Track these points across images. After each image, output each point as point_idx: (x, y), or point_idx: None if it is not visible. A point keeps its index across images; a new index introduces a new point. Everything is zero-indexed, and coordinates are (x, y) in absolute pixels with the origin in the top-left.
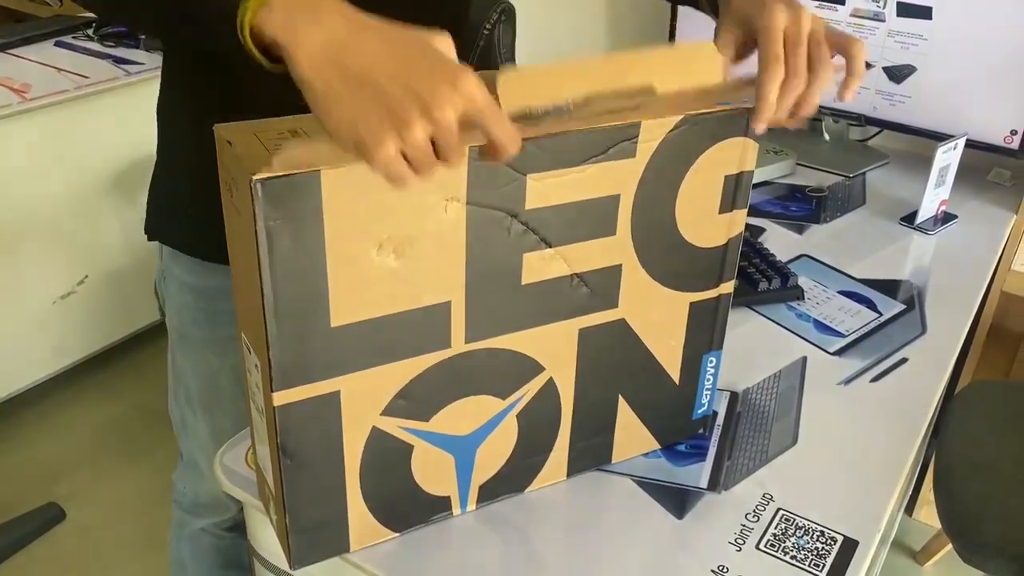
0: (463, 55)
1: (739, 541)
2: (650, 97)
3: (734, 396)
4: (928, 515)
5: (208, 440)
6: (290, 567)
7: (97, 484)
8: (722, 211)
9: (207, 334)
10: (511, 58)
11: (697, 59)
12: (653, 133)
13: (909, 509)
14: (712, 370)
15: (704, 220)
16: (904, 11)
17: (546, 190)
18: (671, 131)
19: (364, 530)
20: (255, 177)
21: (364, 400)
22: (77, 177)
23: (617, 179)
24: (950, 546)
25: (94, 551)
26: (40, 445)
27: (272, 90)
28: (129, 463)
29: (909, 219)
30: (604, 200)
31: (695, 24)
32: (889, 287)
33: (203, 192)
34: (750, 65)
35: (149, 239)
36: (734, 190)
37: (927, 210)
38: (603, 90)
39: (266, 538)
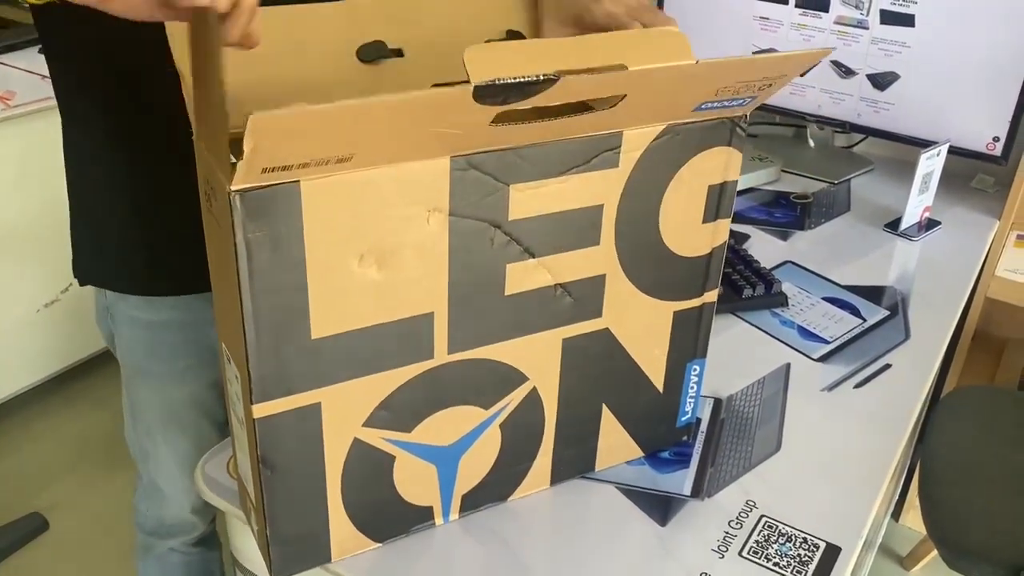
0: None
1: (722, 548)
2: (622, 74)
3: (718, 403)
4: (915, 520)
5: (172, 467)
6: None
7: (80, 494)
8: (706, 220)
9: (165, 367)
10: None
11: (665, 42)
12: (636, 143)
13: (896, 514)
14: (696, 378)
15: (688, 230)
16: (887, 19)
17: (529, 200)
18: (654, 141)
19: (346, 540)
20: (233, 188)
21: (346, 412)
22: (61, 184)
23: (600, 189)
24: (937, 551)
25: (77, 561)
26: (23, 454)
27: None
28: (112, 473)
29: (893, 225)
30: (587, 210)
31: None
32: (873, 293)
33: (134, 226)
34: (720, 49)
35: (82, 283)
36: (718, 200)
37: (911, 216)
38: (574, 67)
39: (248, 548)
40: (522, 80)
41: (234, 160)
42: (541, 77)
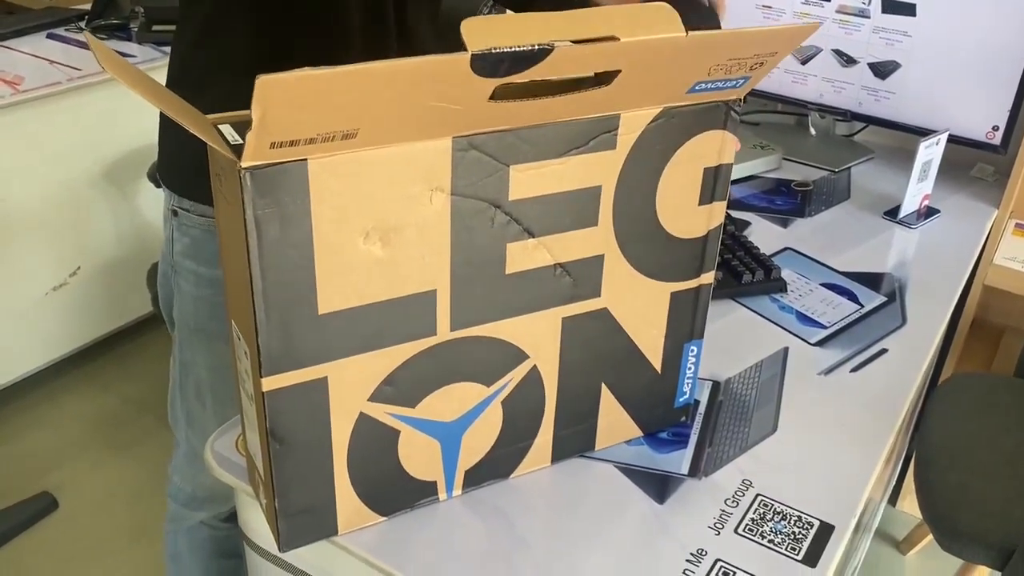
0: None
1: (718, 525)
2: (615, 45)
3: (716, 385)
4: (911, 505)
5: (215, 431)
6: (279, 550)
7: (88, 474)
8: (702, 203)
9: (223, 326)
10: None
11: (656, 16)
12: (633, 125)
13: (892, 499)
14: (693, 359)
15: (684, 212)
16: (889, 8)
17: (529, 181)
18: (650, 123)
19: (352, 514)
20: (244, 165)
21: (351, 386)
22: (69, 169)
23: (598, 171)
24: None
25: (86, 540)
26: (32, 436)
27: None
28: (119, 454)
29: (892, 213)
30: (586, 191)
31: None
32: (871, 280)
33: None
34: None
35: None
36: (713, 182)
37: (910, 204)
38: (567, 37)
39: (256, 522)
40: (518, 49)
41: (240, 140)
42: (536, 47)
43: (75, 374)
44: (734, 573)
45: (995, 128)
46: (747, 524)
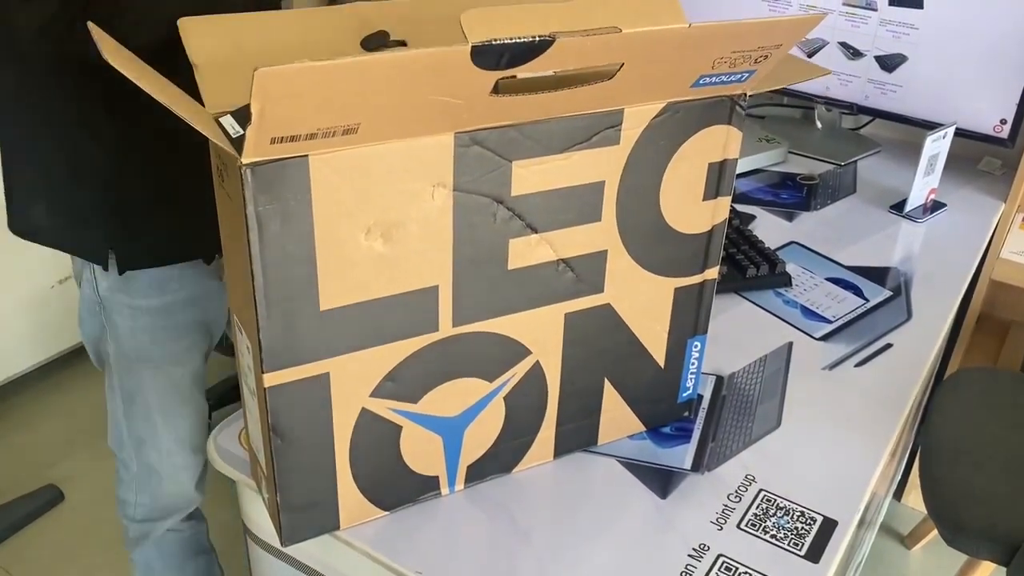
0: None
1: (720, 520)
2: (617, 36)
3: (720, 380)
4: (916, 500)
5: (172, 445)
6: (281, 544)
7: (95, 466)
8: (706, 198)
9: (168, 349)
10: None
11: (658, 8)
12: (636, 120)
13: (898, 494)
14: (697, 354)
15: (688, 207)
16: (896, 0)
17: (531, 177)
18: (654, 118)
19: (354, 508)
20: (245, 161)
21: (353, 382)
22: None
23: (602, 166)
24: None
25: (92, 532)
26: (39, 428)
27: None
28: None
29: (898, 207)
30: (589, 187)
31: None
32: (876, 274)
33: (163, 189)
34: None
35: (120, 271)
36: (718, 177)
37: (916, 198)
38: (569, 29)
39: (258, 516)
40: (518, 41)
41: (241, 131)
42: (537, 38)
43: (80, 367)
44: (736, 568)
45: (1003, 121)
46: (750, 519)
